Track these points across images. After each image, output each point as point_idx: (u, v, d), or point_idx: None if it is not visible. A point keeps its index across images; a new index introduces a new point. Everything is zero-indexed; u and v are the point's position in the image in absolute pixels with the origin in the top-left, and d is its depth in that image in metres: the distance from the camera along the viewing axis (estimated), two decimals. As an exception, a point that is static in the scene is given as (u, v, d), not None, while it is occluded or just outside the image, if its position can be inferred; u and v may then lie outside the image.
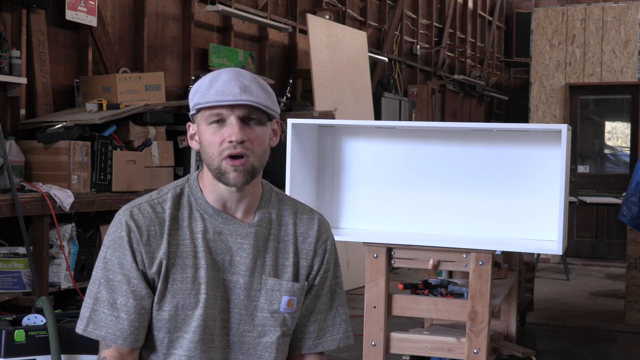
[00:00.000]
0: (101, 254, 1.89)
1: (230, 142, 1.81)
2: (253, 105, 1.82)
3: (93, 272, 1.90)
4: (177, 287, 1.86)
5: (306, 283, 1.97)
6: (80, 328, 1.88)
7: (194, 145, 1.92)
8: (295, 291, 1.94)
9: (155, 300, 1.86)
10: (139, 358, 1.91)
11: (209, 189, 1.91)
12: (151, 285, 1.86)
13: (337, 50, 7.68)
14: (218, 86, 1.82)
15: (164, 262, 1.85)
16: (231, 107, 1.82)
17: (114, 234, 1.87)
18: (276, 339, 1.93)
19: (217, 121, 1.83)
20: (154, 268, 1.86)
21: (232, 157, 1.82)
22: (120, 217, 1.88)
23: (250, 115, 1.84)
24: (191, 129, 1.92)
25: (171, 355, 1.88)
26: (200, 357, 1.86)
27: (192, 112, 1.89)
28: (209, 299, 1.86)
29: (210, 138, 1.84)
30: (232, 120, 1.82)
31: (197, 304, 1.86)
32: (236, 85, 1.82)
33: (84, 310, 1.89)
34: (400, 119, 9.55)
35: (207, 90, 1.84)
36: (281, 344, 1.95)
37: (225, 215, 1.91)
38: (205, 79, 1.87)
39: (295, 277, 1.95)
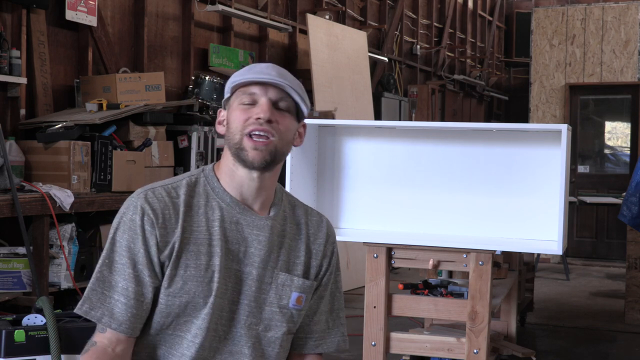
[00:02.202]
0: (110, 235, 1.87)
1: (258, 119, 1.84)
2: (286, 91, 1.87)
3: (102, 253, 1.88)
4: (190, 273, 1.84)
5: (315, 282, 1.99)
6: (78, 307, 1.85)
7: (220, 129, 1.94)
8: (305, 288, 1.95)
9: (165, 285, 1.84)
10: (140, 342, 1.89)
11: (228, 176, 1.91)
12: (156, 273, 1.84)
13: (337, 50, 7.68)
14: (256, 69, 1.89)
15: (176, 247, 1.84)
16: (265, 87, 1.86)
17: (126, 216, 1.85)
18: (281, 335, 1.93)
19: (249, 103, 1.87)
20: (167, 251, 1.84)
21: (255, 135, 1.84)
22: (134, 201, 1.86)
23: (281, 100, 1.88)
24: (221, 115, 1.95)
25: (177, 337, 1.87)
26: (207, 345, 1.86)
27: (227, 94, 1.93)
28: (220, 288, 1.86)
29: (238, 116, 1.87)
30: (264, 101, 1.86)
31: (210, 291, 1.85)
32: (274, 70, 1.88)
33: (86, 290, 1.87)
34: (400, 119, 9.55)
35: (245, 73, 1.89)
36: (284, 340, 1.95)
37: (243, 205, 1.91)
38: (244, 68, 1.94)
39: (306, 275, 1.97)
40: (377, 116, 8.65)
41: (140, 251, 1.83)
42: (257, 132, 1.84)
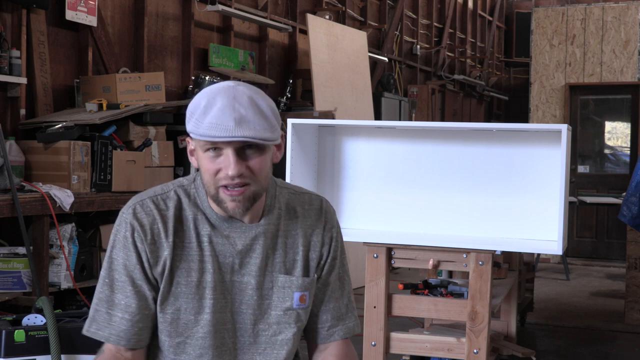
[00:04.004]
0: (107, 252, 1.88)
1: (227, 174, 1.76)
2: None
3: (101, 272, 1.90)
4: (180, 290, 1.84)
5: (315, 276, 1.95)
6: (85, 328, 1.87)
7: (193, 162, 1.85)
8: (307, 286, 1.92)
9: (158, 302, 1.85)
10: (148, 357, 1.90)
11: (213, 202, 1.86)
12: (155, 286, 1.85)
13: (337, 50, 7.68)
14: (212, 117, 1.73)
15: (168, 263, 1.83)
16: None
17: (119, 233, 1.86)
18: (292, 336, 1.92)
19: (214, 149, 1.77)
20: (159, 268, 1.84)
21: (229, 186, 1.77)
22: (125, 216, 1.86)
23: (246, 144, 1.76)
24: (191, 144, 1.85)
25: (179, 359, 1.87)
26: None
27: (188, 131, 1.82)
28: (217, 304, 1.85)
29: (206, 165, 1.78)
30: (228, 153, 1.75)
31: (202, 308, 1.84)
32: (231, 117, 1.72)
33: (90, 311, 1.88)
34: (400, 119, 9.54)
35: (201, 117, 1.74)
36: (296, 339, 1.95)
37: (231, 219, 1.87)
38: (201, 102, 1.76)
39: (306, 271, 1.93)
40: (377, 116, 8.65)
41: (137, 267, 1.84)
42: (230, 186, 1.77)
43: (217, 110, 1.73)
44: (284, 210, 1.94)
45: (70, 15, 5.26)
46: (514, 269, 4.81)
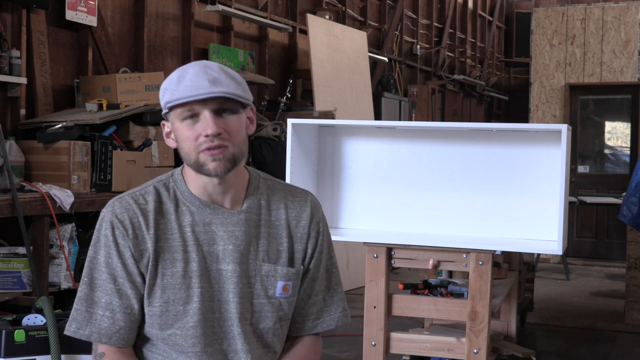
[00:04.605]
0: (89, 252, 1.89)
1: (207, 136, 1.79)
2: (225, 97, 1.81)
3: (83, 272, 1.90)
4: (167, 282, 1.85)
5: (302, 267, 1.96)
6: (66, 328, 1.88)
7: (170, 143, 1.90)
8: (291, 276, 1.93)
9: (145, 296, 1.85)
10: (139, 354, 1.91)
11: (194, 182, 1.89)
12: (139, 283, 1.85)
13: (337, 50, 7.68)
14: (187, 81, 1.80)
15: (152, 256, 1.84)
16: (203, 100, 1.80)
17: (99, 232, 1.87)
18: (272, 325, 1.92)
19: (191, 116, 1.81)
20: (144, 260, 1.85)
21: (210, 148, 1.80)
22: (104, 215, 1.88)
23: (223, 107, 1.82)
24: (166, 127, 1.91)
25: (171, 350, 1.87)
26: (204, 350, 1.86)
27: (164, 110, 1.87)
28: (205, 292, 1.85)
29: (185, 134, 1.82)
30: (206, 114, 1.80)
31: (190, 298, 1.84)
32: (204, 79, 1.80)
33: (72, 311, 1.89)
34: (400, 119, 9.55)
35: (176, 87, 1.81)
36: (278, 329, 1.95)
37: (213, 205, 1.89)
38: (173, 76, 1.85)
39: (291, 262, 1.94)
40: (377, 116, 8.65)
41: (118, 265, 1.84)
42: (210, 147, 1.80)
43: (190, 76, 1.81)
44: (267, 199, 1.96)
45: (70, 15, 5.26)
46: (514, 269, 4.81)
